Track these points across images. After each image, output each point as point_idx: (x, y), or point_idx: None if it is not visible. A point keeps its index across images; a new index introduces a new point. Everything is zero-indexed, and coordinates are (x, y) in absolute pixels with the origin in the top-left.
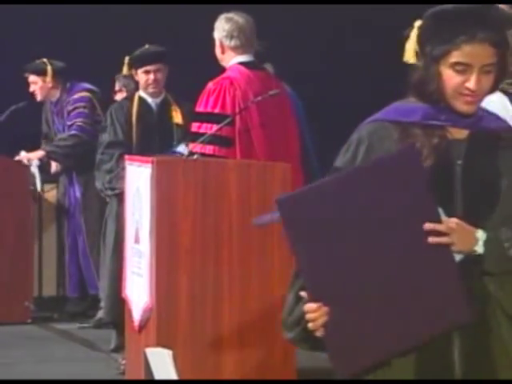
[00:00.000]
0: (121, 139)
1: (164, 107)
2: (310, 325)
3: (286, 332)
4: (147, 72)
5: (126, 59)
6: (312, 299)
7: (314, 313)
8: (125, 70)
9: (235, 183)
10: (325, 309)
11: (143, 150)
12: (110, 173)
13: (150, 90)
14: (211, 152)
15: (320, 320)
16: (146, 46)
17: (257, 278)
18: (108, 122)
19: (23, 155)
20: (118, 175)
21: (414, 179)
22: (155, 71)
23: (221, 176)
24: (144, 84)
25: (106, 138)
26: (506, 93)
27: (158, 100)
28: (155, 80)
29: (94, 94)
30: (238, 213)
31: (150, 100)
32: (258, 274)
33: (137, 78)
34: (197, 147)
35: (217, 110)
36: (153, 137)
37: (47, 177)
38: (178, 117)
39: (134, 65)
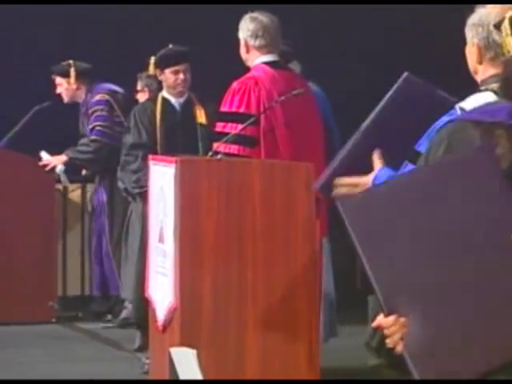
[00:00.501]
0: (144, 141)
1: (188, 107)
2: (388, 341)
3: (373, 358)
4: (176, 72)
5: (152, 59)
6: (386, 312)
7: (391, 327)
8: (151, 70)
9: (259, 183)
10: (402, 320)
11: (168, 150)
12: (137, 172)
13: (179, 89)
14: (236, 152)
15: (398, 334)
16: (170, 46)
17: (280, 278)
18: (132, 123)
19: (45, 158)
20: (146, 175)
21: (491, 180)
22: (184, 71)
23: (245, 176)
24: (173, 84)
25: (129, 139)
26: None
27: (182, 100)
28: (185, 80)
29: (114, 95)
30: (262, 212)
31: (173, 100)
32: (282, 274)
33: (161, 77)
34: (221, 147)
35: (241, 110)
36: (177, 137)
37: (75, 177)
38: (201, 116)
39: (160, 65)
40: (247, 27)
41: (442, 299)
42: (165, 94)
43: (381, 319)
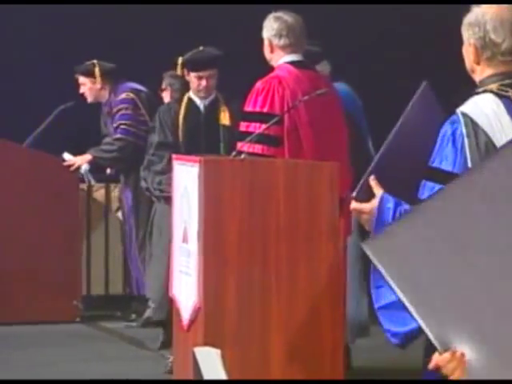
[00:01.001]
0: (170, 141)
1: (212, 108)
2: (452, 378)
3: None
4: (200, 78)
5: (180, 60)
6: (440, 349)
7: (449, 364)
8: (178, 71)
9: (283, 183)
10: (459, 354)
11: (189, 151)
12: (161, 174)
13: (201, 94)
14: (260, 151)
15: (458, 369)
16: (201, 48)
17: (304, 278)
18: (157, 123)
19: (68, 158)
20: (169, 179)
21: None
22: (208, 77)
23: (268, 175)
24: (196, 88)
25: (155, 138)
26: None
27: (207, 101)
28: (207, 86)
29: (138, 93)
30: (286, 212)
31: (198, 101)
32: (306, 274)
33: (188, 78)
34: (245, 146)
35: (265, 110)
36: (199, 138)
37: (99, 176)
38: (225, 118)
39: (186, 67)
40: (271, 26)
41: (496, 320)
42: (191, 94)
43: (437, 358)
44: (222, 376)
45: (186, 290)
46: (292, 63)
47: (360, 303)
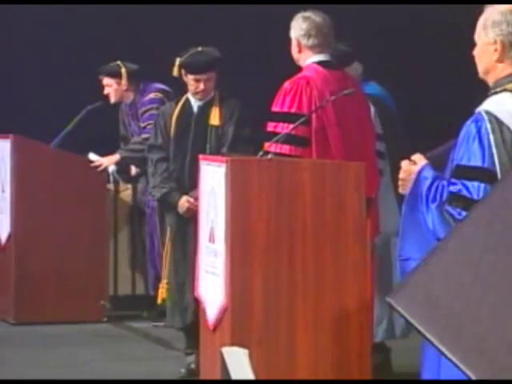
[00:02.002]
0: (159, 143)
1: (205, 109)
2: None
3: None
4: (197, 80)
5: (177, 61)
6: None
7: None
8: (175, 72)
9: (309, 183)
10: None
11: (177, 153)
12: (152, 177)
13: (198, 97)
14: (287, 152)
15: None
16: (199, 49)
17: (331, 278)
18: (152, 124)
19: (95, 159)
20: (159, 185)
21: None
22: (205, 80)
23: (295, 175)
24: (193, 90)
25: (149, 141)
26: None
27: (202, 102)
28: (204, 89)
29: (167, 94)
30: (312, 212)
31: (193, 102)
32: (332, 274)
33: (185, 79)
34: (272, 147)
35: (293, 110)
36: (186, 139)
37: (127, 178)
38: (215, 118)
39: (184, 68)
40: (300, 26)
41: None
42: (189, 95)
43: None
44: (250, 376)
45: (213, 290)
46: (320, 63)
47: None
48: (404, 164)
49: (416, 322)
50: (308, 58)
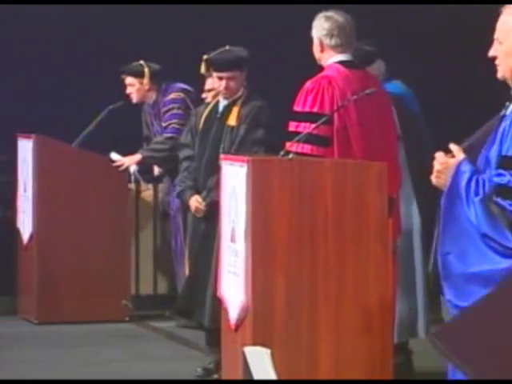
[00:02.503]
0: (187, 141)
1: (228, 109)
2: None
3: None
4: (220, 78)
5: (204, 58)
6: None
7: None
8: (202, 69)
9: (331, 182)
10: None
11: (199, 151)
12: (181, 173)
13: (221, 95)
14: (308, 151)
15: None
16: (227, 48)
17: (353, 278)
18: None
19: (117, 159)
20: (178, 183)
21: None
22: (228, 79)
23: (316, 175)
24: (217, 89)
25: (180, 139)
26: None
27: (227, 102)
28: (226, 88)
29: (189, 94)
30: (334, 212)
31: (221, 101)
32: (354, 274)
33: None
34: (293, 146)
35: (315, 110)
36: (207, 138)
37: (149, 178)
38: (232, 118)
39: (209, 65)
40: (322, 26)
41: None
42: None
43: None
44: (272, 376)
45: (235, 290)
46: (342, 63)
47: (413, 301)
48: (440, 156)
49: (458, 361)
50: (330, 58)
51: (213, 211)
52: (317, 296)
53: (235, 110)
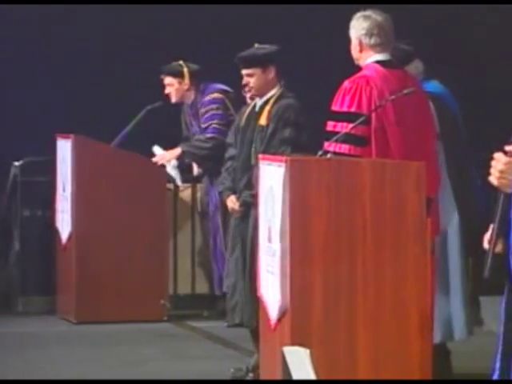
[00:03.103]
0: (231, 141)
1: (262, 108)
2: None
3: None
4: (245, 75)
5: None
6: None
7: None
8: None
9: (369, 182)
10: None
11: (237, 151)
12: (222, 173)
13: (247, 92)
14: (346, 151)
15: None
16: (256, 46)
17: (391, 278)
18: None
19: (158, 153)
20: (218, 183)
21: None
22: (247, 75)
23: (354, 175)
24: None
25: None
26: None
27: (262, 101)
28: (245, 84)
29: (227, 94)
30: (372, 212)
31: (257, 100)
32: (393, 274)
33: None
34: (331, 146)
35: (353, 109)
36: (243, 138)
37: (188, 177)
38: (263, 118)
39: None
40: (361, 26)
41: None
42: None
43: None
44: (311, 376)
45: (273, 290)
46: (380, 63)
47: (449, 301)
48: (500, 156)
49: None
50: (368, 58)
51: (248, 212)
52: (355, 296)
53: (266, 109)
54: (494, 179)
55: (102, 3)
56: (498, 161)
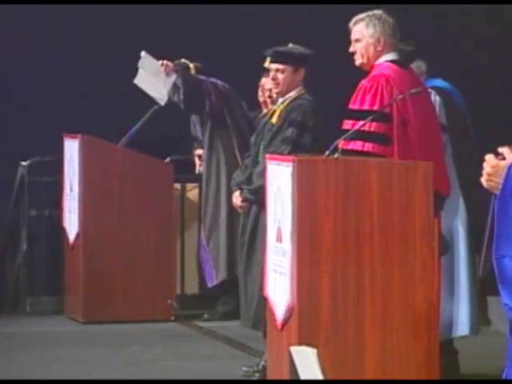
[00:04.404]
0: (250, 140)
1: (278, 107)
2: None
3: None
4: (271, 70)
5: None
6: None
7: None
8: (266, 64)
9: (376, 182)
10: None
11: (252, 149)
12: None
13: (264, 91)
14: (370, 149)
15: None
16: (290, 45)
17: (398, 278)
18: None
19: (145, 57)
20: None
21: None
22: (276, 70)
23: (362, 175)
24: (263, 84)
25: None
26: None
27: (279, 101)
28: (273, 78)
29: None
30: (380, 212)
31: (278, 101)
32: (400, 274)
33: None
34: (350, 144)
35: (376, 108)
36: (255, 136)
37: (192, 176)
38: (274, 117)
39: (267, 56)
40: (385, 25)
41: None
42: None
43: None
44: (319, 376)
45: (280, 289)
46: (392, 62)
47: (454, 299)
48: (490, 158)
49: None
50: (380, 57)
51: (251, 208)
52: (363, 296)
53: (280, 109)
54: (483, 181)
55: (110, 3)
56: (487, 163)
